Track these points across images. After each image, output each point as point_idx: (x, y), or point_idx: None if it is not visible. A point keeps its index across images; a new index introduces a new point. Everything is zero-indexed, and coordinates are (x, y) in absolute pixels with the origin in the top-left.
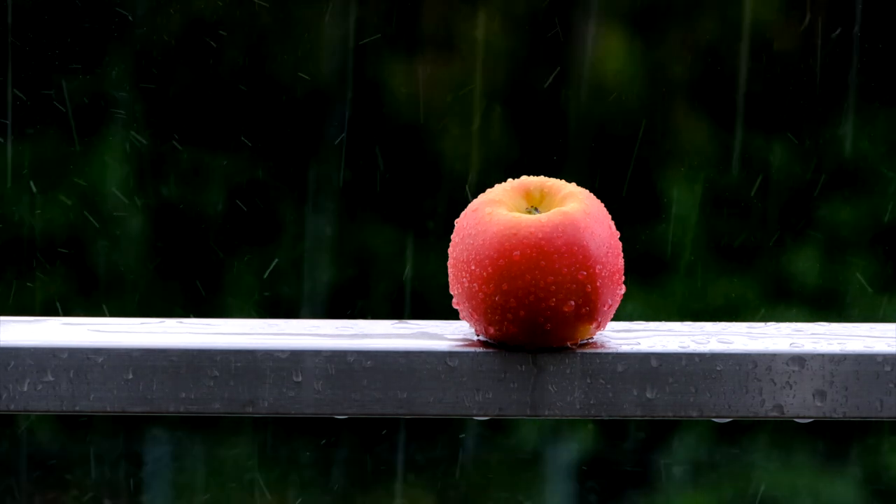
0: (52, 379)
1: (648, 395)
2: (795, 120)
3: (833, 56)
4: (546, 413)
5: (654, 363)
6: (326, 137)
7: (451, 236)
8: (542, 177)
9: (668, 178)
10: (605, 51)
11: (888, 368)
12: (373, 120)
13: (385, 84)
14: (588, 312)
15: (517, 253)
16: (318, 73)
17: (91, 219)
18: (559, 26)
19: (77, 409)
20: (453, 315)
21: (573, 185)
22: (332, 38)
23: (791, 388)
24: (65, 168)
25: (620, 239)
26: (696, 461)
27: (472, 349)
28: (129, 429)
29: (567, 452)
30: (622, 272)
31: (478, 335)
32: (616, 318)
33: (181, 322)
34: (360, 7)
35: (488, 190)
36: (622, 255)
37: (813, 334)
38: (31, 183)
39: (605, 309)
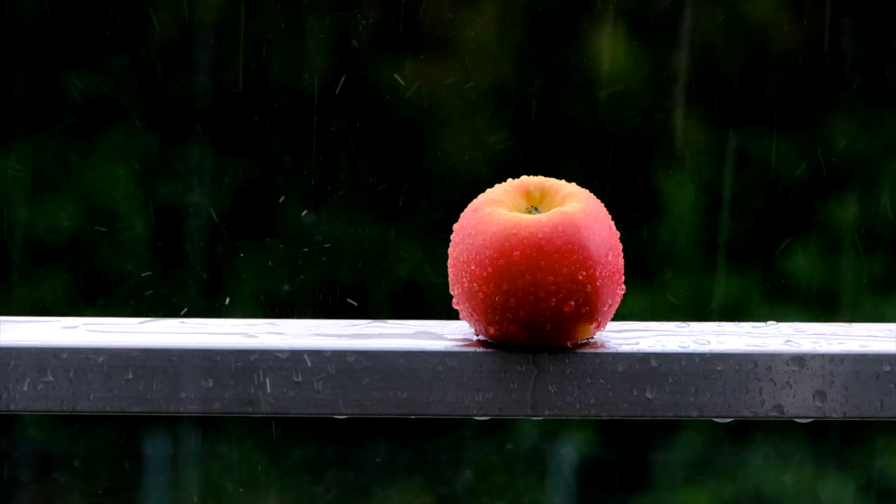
0: (52, 379)
1: (648, 395)
2: (795, 119)
3: (832, 55)
4: (546, 413)
5: (653, 363)
6: (326, 137)
7: (451, 236)
8: (541, 177)
9: (668, 177)
10: (605, 50)
11: (888, 368)
12: (372, 119)
13: (384, 84)
14: (588, 312)
15: (517, 253)
16: (317, 73)
17: (92, 218)
18: (558, 26)
19: (77, 409)
20: (453, 315)
21: (573, 185)
22: (332, 37)
23: (791, 388)
24: (66, 168)
25: (620, 239)
26: (696, 461)
27: (472, 349)
28: (129, 429)
29: (567, 452)
30: (622, 272)
31: (478, 335)
32: (616, 317)
33: (181, 322)
34: (360, 6)
35: (488, 190)
36: (622, 254)
37: (813, 334)
38: (32, 183)
39: (605, 309)
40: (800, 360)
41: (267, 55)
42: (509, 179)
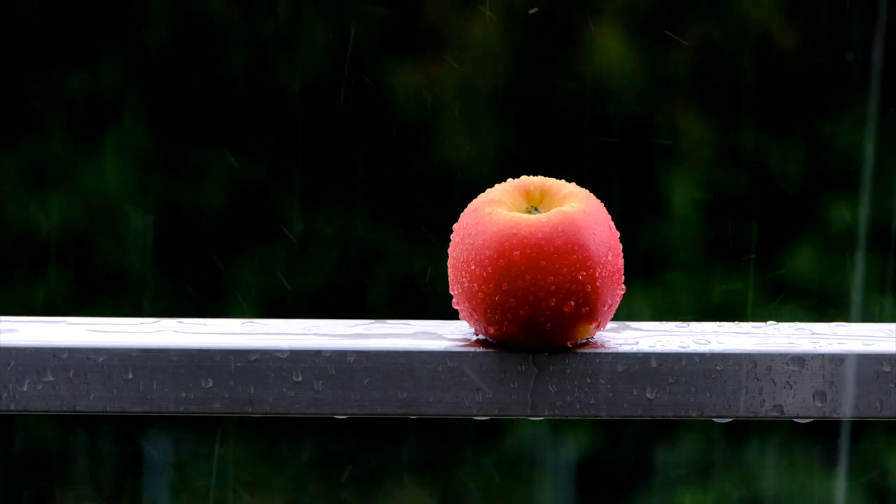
0: (52, 379)
1: (648, 395)
2: (796, 119)
3: (834, 55)
4: (546, 413)
5: (653, 363)
6: (327, 137)
7: (451, 236)
8: (541, 177)
9: (669, 177)
10: (605, 50)
11: (888, 368)
12: (373, 120)
13: (385, 84)
14: (588, 312)
15: (517, 253)
16: (318, 73)
17: (92, 218)
18: (559, 25)
19: (77, 409)
20: (453, 315)
21: (573, 185)
22: (333, 37)
23: (791, 388)
24: (66, 168)
25: (620, 239)
26: (696, 461)
27: (472, 349)
28: (129, 429)
29: (566, 452)
30: (622, 272)
31: (478, 335)
32: (616, 317)
33: (181, 322)
34: (360, 6)
35: (488, 190)
36: (622, 254)
37: (813, 334)
38: (33, 183)
39: (605, 309)
40: (800, 360)
41: (267, 54)
42: (509, 179)
